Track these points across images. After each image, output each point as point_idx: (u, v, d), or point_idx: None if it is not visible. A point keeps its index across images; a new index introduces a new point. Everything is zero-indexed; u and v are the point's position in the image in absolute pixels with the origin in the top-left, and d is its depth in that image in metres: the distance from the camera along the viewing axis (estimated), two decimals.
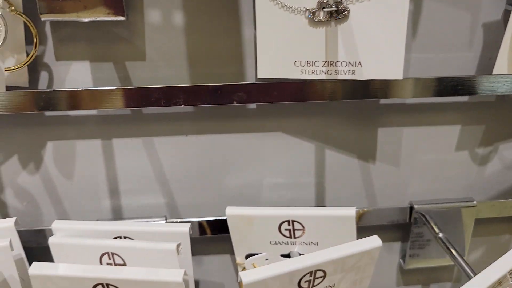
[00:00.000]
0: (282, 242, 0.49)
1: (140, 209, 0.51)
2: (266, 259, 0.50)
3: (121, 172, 0.49)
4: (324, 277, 0.42)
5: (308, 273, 0.41)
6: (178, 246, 0.42)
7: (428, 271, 0.58)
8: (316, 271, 0.41)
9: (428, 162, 0.52)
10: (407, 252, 0.55)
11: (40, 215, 0.50)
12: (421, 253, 0.57)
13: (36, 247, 0.48)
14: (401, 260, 0.57)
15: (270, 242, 0.49)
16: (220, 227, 0.51)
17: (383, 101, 0.49)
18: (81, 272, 0.39)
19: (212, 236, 0.52)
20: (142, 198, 0.50)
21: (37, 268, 0.40)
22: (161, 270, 0.39)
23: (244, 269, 0.51)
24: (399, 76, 0.42)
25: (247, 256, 0.51)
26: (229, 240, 0.52)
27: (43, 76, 0.45)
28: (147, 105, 0.44)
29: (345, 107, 0.49)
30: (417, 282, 0.58)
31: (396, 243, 0.56)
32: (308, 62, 0.43)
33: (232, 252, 0.54)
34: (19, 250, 0.45)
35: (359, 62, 0.42)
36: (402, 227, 0.55)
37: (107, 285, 0.39)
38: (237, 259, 0.51)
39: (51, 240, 0.44)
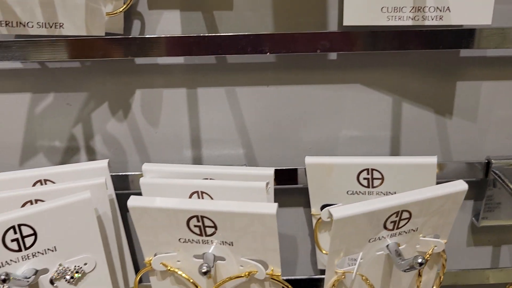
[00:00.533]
0: (360, 192, 0.50)
1: (219, 159, 0.52)
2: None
3: (203, 121, 0.51)
4: (409, 219, 0.43)
5: (394, 213, 0.41)
6: (267, 184, 0.43)
7: (500, 232, 0.57)
8: (402, 211, 0.42)
9: (506, 117, 0.52)
10: (481, 210, 0.55)
11: (125, 163, 0.52)
12: (489, 215, 0.57)
13: (121, 193, 0.51)
14: (473, 219, 0.57)
15: (347, 192, 0.50)
16: (293, 178, 0.52)
17: (463, 53, 0.49)
18: (177, 205, 0.41)
19: (285, 187, 0.53)
20: (222, 147, 0.52)
21: (136, 201, 0.42)
22: (255, 203, 0.40)
23: (319, 219, 0.52)
24: (488, 21, 0.43)
25: (322, 207, 0.52)
26: (301, 192, 0.54)
27: (136, 24, 0.47)
28: (234, 52, 0.45)
29: (424, 59, 0.49)
30: (488, 243, 0.58)
31: (469, 201, 0.56)
32: (395, 8, 0.43)
33: (304, 205, 0.55)
34: (111, 191, 0.48)
35: (448, 7, 0.43)
36: (476, 185, 0.55)
37: (202, 217, 0.41)
38: (312, 209, 0.52)
39: (142, 180, 0.47)
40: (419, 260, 0.39)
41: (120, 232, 0.49)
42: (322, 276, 0.56)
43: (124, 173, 0.51)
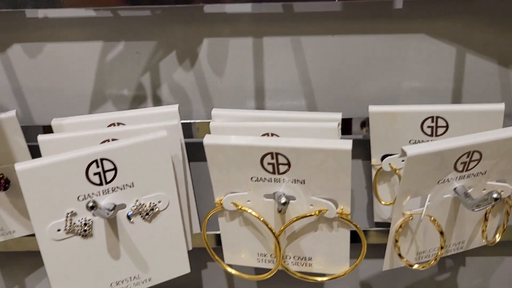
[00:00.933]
0: (423, 141, 0.50)
1: (282, 109, 0.53)
2: (403, 161, 0.52)
3: (267, 71, 0.52)
4: (479, 160, 0.43)
5: (466, 153, 0.42)
6: (338, 125, 0.44)
7: None
8: (473, 152, 0.42)
9: None
10: None
11: (189, 112, 0.54)
12: None
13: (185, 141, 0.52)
14: None
15: (409, 141, 0.51)
16: (349, 128, 0.53)
17: None
18: (252, 142, 0.42)
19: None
20: (284, 98, 0.53)
21: (211, 139, 0.43)
22: (330, 140, 0.41)
23: (380, 169, 0.52)
24: None
25: (383, 158, 0.52)
26: (359, 144, 0.54)
27: None
28: None
29: (490, 8, 0.49)
30: None
31: None
32: None
33: (362, 157, 0.56)
34: (180, 136, 0.49)
35: None
36: None
37: (276, 154, 0.42)
38: (373, 160, 0.53)
39: (212, 124, 0.48)
40: (494, 195, 0.40)
41: (187, 177, 0.51)
42: (379, 229, 0.57)
43: (189, 121, 0.52)
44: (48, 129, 0.49)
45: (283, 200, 0.40)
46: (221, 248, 0.50)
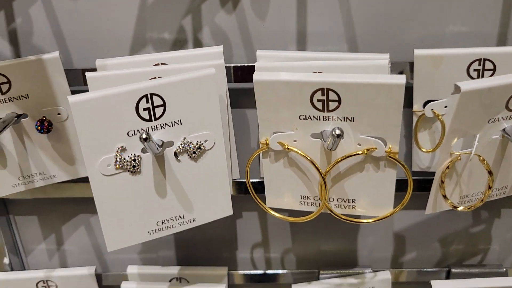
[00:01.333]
0: None
1: None
2: (445, 106, 0.51)
3: (310, 14, 0.51)
4: None
5: None
6: (389, 62, 0.43)
7: None
8: None
9: None
10: None
11: (230, 56, 0.53)
12: None
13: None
14: None
15: None
16: None
17: None
18: (303, 77, 0.42)
19: None
20: (327, 42, 0.52)
21: (261, 75, 0.43)
22: (383, 75, 0.41)
23: (423, 115, 0.52)
24: None
25: (425, 104, 0.52)
26: None
27: None
28: None
29: None
30: None
31: None
32: None
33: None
34: (225, 76, 0.49)
35: None
36: None
37: (327, 90, 0.42)
38: (415, 106, 0.52)
39: (257, 64, 0.48)
40: None
41: (229, 120, 0.51)
42: (417, 178, 0.57)
43: (229, 64, 0.51)
44: None
45: (337, 131, 0.40)
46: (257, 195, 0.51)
